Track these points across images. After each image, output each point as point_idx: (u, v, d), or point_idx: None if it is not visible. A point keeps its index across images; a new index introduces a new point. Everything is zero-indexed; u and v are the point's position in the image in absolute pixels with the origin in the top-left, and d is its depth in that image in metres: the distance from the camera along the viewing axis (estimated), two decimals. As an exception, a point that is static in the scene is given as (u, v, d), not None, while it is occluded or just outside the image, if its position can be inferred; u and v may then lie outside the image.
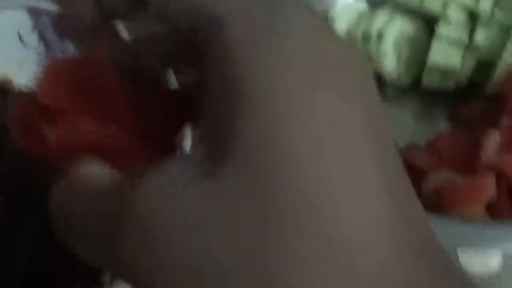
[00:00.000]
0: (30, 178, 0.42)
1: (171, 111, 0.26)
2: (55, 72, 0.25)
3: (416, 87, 0.65)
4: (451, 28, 0.62)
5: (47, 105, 0.24)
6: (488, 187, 0.52)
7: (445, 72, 0.62)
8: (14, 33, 0.58)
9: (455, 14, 0.62)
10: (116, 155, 0.24)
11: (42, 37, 0.54)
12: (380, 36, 0.62)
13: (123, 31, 0.27)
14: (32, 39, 0.56)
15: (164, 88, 0.27)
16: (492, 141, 0.54)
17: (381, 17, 0.64)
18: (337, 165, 0.20)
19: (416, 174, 0.55)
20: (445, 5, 0.62)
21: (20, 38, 0.57)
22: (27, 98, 0.25)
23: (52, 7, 0.56)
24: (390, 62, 0.63)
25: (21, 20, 0.58)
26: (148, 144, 0.25)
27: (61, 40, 0.51)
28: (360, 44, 0.63)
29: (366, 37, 0.63)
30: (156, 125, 0.26)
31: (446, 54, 0.62)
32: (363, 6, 0.67)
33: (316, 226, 0.19)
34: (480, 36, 0.61)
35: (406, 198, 0.21)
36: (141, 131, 0.25)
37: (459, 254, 0.50)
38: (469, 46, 0.62)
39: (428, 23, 0.65)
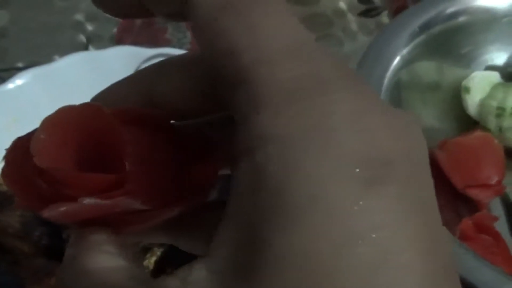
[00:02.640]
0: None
1: (188, 159, 0.24)
2: (54, 128, 0.22)
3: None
4: None
5: (45, 170, 0.21)
6: None
7: None
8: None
9: None
10: (126, 220, 0.22)
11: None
12: (515, 110, 0.63)
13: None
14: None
15: (181, 135, 0.24)
16: None
17: (516, 92, 0.64)
18: None
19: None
20: None
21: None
22: (19, 149, 0.22)
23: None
24: (521, 136, 0.63)
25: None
26: (162, 202, 0.22)
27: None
28: (494, 116, 0.64)
29: (500, 110, 0.63)
30: (171, 176, 0.23)
31: None
32: (497, 77, 0.67)
33: None
34: None
35: None
36: (156, 191, 0.22)
37: None
38: None
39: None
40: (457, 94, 0.67)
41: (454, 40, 0.67)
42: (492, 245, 0.54)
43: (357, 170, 0.17)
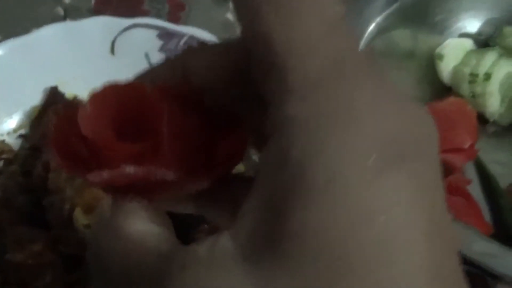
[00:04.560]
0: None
1: (220, 138, 0.25)
2: (99, 102, 0.24)
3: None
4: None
5: (90, 139, 0.23)
6: None
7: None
8: (141, 51, 0.61)
9: None
10: (159, 188, 0.24)
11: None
12: (487, 77, 0.64)
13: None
14: (159, 59, 0.59)
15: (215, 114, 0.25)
16: None
17: (489, 59, 0.65)
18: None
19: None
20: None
21: (147, 57, 0.61)
22: (66, 120, 0.24)
23: (182, 30, 0.59)
24: (494, 102, 0.65)
25: (150, 40, 0.61)
26: (192, 173, 0.24)
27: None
28: (467, 82, 0.65)
29: (473, 77, 0.64)
30: (202, 155, 0.25)
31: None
32: (470, 44, 0.69)
33: None
34: None
35: None
36: (187, 162, 0.24)
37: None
38: None
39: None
40: (431, 61, 0.69)
41: (428, 8, 0.68)
42: (465, 206, 0.55)
43: (373, 153, 0.19)
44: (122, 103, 0.24)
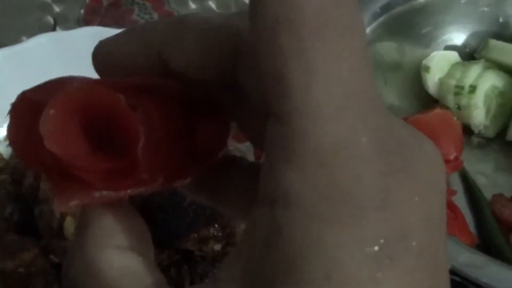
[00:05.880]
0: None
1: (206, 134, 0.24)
2: (65, 108, 0.21)
3: (500, 139, 0.67)
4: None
5: (55, 154, 0.20)
6: None
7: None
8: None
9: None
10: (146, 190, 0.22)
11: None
12: (473, 89, 0.65)
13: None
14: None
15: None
16: None
17: (474, 71, 0.66)
18: None
19: (503, 226, 0.58)
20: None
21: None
22: (26, 110, 0.21)
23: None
24: (479, 114, 0.66)
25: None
26: (173, 172, 0.22)
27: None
28: (453, 94, 0.66)
29: (459, 89, 0.65)
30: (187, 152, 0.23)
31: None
32: (455, 56, 0.70)
33: None
34: None
35: None
36: (166, 165, 0.22)
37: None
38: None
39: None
40: (417, 73, 0.70)
41: (414, 21, 0.69)
42: (450, 218, 0.56)
43: (375, 248, 0.18)
44: (90, 109, 0.21)
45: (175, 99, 0.23)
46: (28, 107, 0.21)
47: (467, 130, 0.67)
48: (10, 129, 0.22)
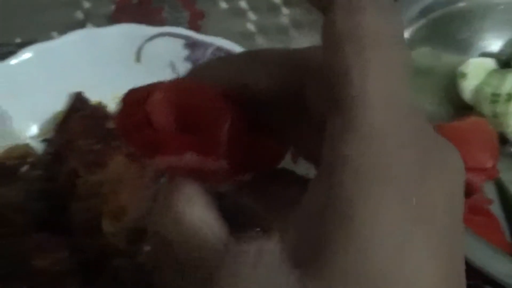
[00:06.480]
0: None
1: (271, 148, 0.28)
2: (167, 93, 0.26)
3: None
4: None
5: (155, 124, 0.26)
6: None
7: None
8: (166, 60, 0.61)
9: None
10: (209, 177, 0.26)
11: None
12: (509, 97, 0.64)
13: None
14: (184, 68, 0.59)
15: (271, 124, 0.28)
16: None
17: (511, 79, 0.65)
18: None
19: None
20: None
21: (172, 66, 0.61)
22: (133, 105, 0.26)
23: (209, 40, 0.59)
24: (515, 122, 0.64)
25: (176, 49, 0.61)
26: (239, 167, 0.26)
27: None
28: (489, 102, 0.65)
29: (495, 96, 0.64)
30: (254, 159, 0.27)
31: None
32: (492, 64, 0.69)
33: None
34: None
35: None
36: (236, 157, 0.26)
37: None
38: None
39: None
40: (451, 79, 0.68)
41: (452, 26, 0.68)
42: (487, 226, 0.55)
43: (411, 209, 0.21)
44: (187, 98, 0.26)
45: (246, 113, 0.27)
46: (133, 99, 0.27)
47: (502, 138, 0.65)
48: (118, 117, 0.27)
